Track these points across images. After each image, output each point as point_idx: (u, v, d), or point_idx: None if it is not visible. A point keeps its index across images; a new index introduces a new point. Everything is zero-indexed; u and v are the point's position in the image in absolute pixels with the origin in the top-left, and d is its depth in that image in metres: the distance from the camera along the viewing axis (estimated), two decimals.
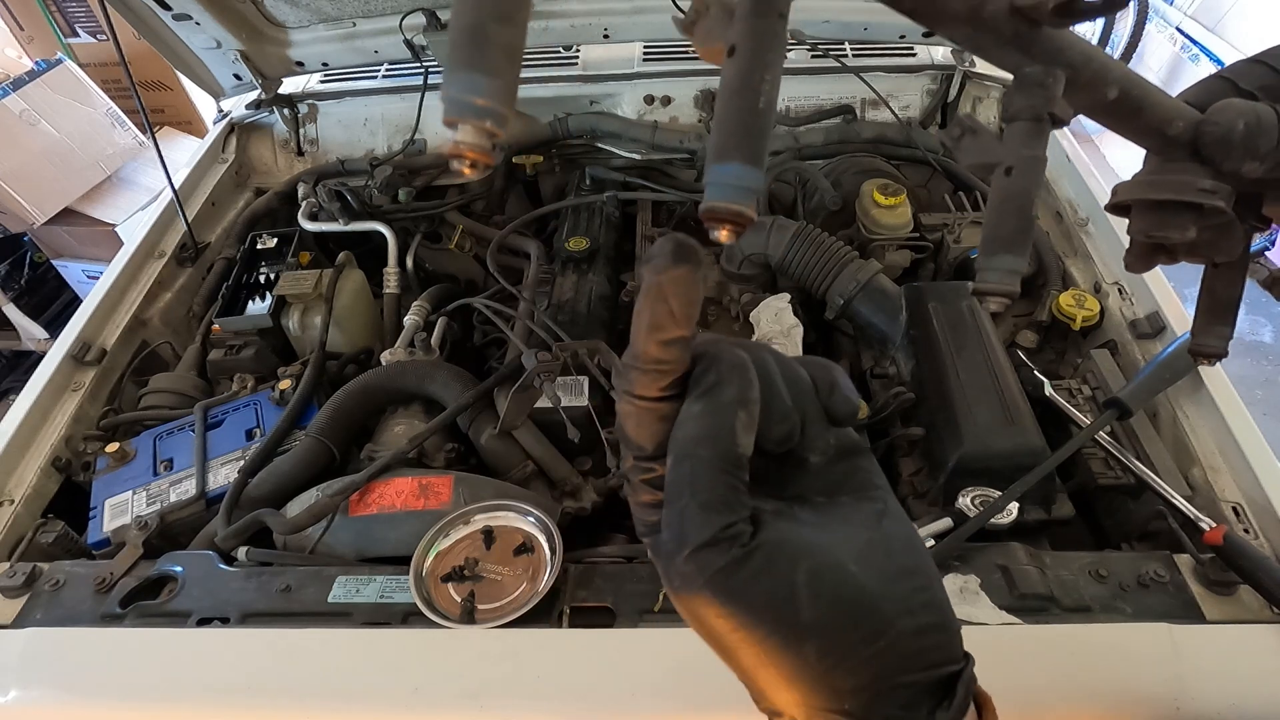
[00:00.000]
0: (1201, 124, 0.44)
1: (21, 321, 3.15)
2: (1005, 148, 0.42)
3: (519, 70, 0.30)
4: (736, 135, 0.32)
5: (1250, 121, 0.42)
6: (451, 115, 0.29)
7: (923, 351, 1.22)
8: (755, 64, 0.33)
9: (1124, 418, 1.11)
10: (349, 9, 1.68)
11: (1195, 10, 3.86)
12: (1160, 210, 0.47)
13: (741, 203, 0.32)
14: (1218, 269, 0.53)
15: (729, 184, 0.32)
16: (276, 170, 1.98)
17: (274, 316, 1.51)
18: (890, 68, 1.85)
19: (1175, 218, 0.46)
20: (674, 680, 0.82)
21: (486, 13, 0.29)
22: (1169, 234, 0.47)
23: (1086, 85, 0.42)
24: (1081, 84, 0.41)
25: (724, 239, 0.33)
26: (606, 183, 1.83)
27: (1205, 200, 0.44)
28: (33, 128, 2.89)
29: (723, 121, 0.33)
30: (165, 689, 0.86)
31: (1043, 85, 0.40)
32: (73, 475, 1.25)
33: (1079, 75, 0.41)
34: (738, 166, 0.32)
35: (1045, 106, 0.40)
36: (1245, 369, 3.07)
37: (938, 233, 1.53)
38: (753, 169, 0.32)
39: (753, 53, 0.33)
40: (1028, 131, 0.41)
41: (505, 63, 0.29)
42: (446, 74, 0.29)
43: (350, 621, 0.91)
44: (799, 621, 0.33)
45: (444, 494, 1.06)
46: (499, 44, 0.29)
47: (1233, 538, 0.90)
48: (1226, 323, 0.54)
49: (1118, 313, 1.34)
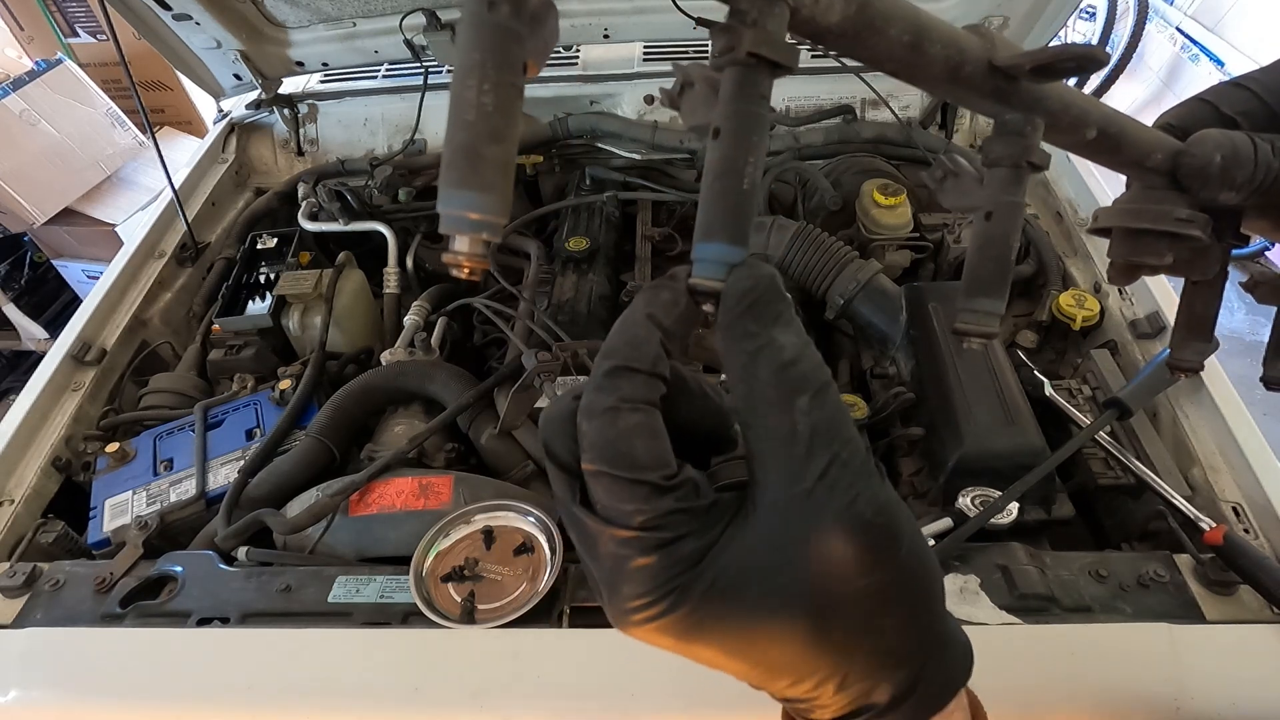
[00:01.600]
0: (1179, 155, 0.46)
1: (21, 321, 3.15)
2: (985, 192, 0.43)
3: (512, 181, 0.33)
4: (721, 216, 0.34)
5: (1227, 154, 0.44)
6: (448, 229, 0.32)
7: (923, 351, 1.22)
8: (739, 148, 0.34)
9: (1124, 418, 1.11)
10: (349, 9, 1.68)
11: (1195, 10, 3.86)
12: (1139, 237, 0.48)
13: (720, 279, 0.34)
14: (1196, 286, 0.54)
15: (713, 260, 0.34)
16: (276, 170, 1.98)
17: (274, 316, 1.51)
18: None
19: (1153, 244, 0.48)
20: (674, 680, 0.82)
21: (479, 134, 0.31)
22: (1146, 259, 0.49)
23: (1066, 128, 0.43)
24: (1061, 127, 0.43)
25: (709, 311, 0.36)
26: (606, 183, 1.83)
27: (1181, 230, 0.46)
28: (33, 128, 2.89)
29: (708, 202, 0.34)
30: (165, 689, 0.86)
31: (1021, 134, 0.42)
32: (73, 475, 1.25)
33: (1059, 120, 0.43)
34: (721, 245, 0.34)
35: (1024, 155, 0.42)
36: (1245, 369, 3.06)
37: (938, 233, 1.53)
38: (736, 248, 0.34)
39: (736, 136, 0.34)
40: (1007, 178, 0.43)
41: (498, 178, 0.31)
42: (442, 190, 0.31)
43: (350, 621, 0.91)
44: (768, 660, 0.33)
45: (444, 494, 1.06)
46: (491, 161, 0.31)
47: (1233, 538, 0.90)
48: (1204, 338, 0.55)
49: (1118, 313, 1.34)
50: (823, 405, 0.32)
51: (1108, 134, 0.44)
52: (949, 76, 0.39)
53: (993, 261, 0.43)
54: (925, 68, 0.38)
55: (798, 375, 0.32)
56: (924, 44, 0.37)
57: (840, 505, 0.31)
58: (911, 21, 0.37)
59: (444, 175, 0.31)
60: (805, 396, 0.31)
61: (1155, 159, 0.46)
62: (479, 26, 0.31)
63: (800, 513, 0.31)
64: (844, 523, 0.31)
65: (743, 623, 0.32)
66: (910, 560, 0.32)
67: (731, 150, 0.34)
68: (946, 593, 0.88)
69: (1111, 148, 0.45)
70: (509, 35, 0.31)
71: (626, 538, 0.31)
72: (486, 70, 0.31)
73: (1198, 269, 0.51)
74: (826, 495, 0.31)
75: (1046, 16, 1.60)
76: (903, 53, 0.37)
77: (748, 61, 0.33)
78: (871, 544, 0.31)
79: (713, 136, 0.35)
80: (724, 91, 0.34)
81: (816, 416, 0.31)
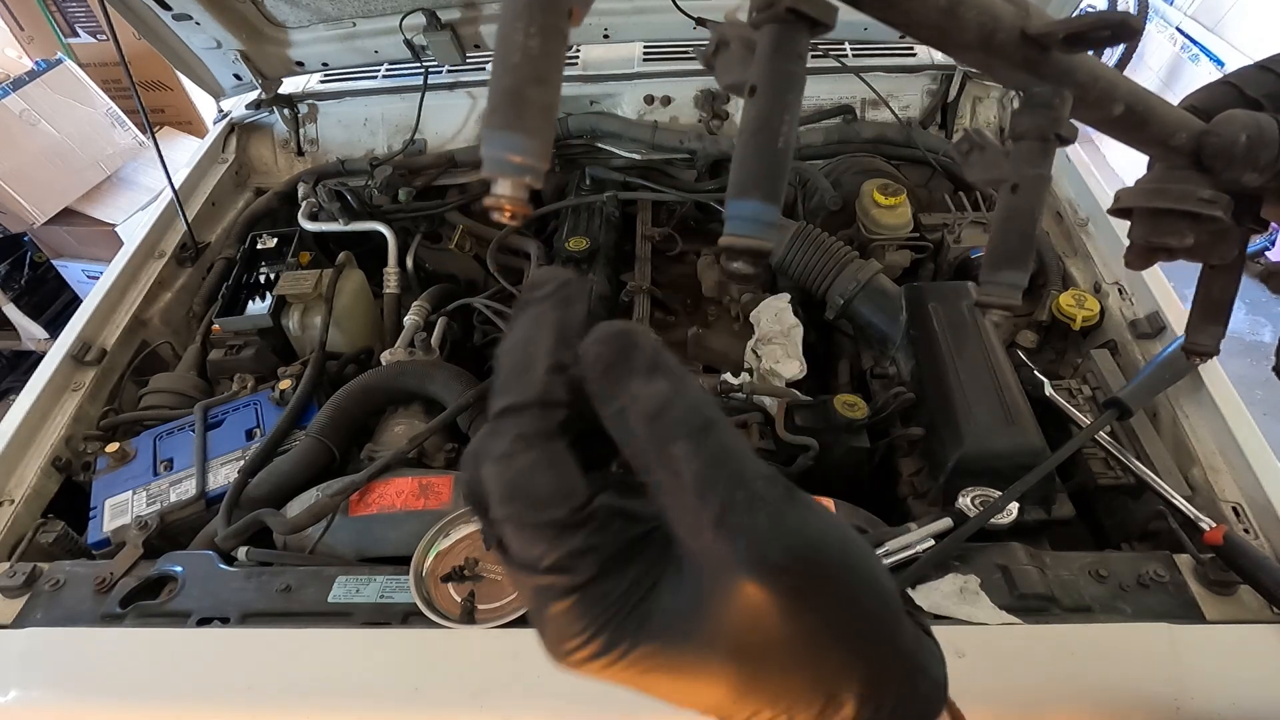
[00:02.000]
0: (1204, 135, 0.45)
1: (21, 321, 3.15)
2: (1011, 165, 0.43)
3: (554, 126, 0.33)
4: (756, 173, 0.34)
5: (1252, 134, 0.43)
6: (491, 171, 0.31)
7: (923, 351, 1.22)
8: (775, 106, 0.34)
9: (1124, 418, 1.11)
10: (349, 9, 1.68)
11: (1195, 10, 3.86)
12: (1161, 217, 0.48)
13: (759, 236, 0.34)
14: (1214, 270, 0.54)
15: (747, 218, 0.34)
16: (276, 170, 1.98)
17: (274, 316, 1.51)
18: (890, 68, 1.85)
19: (1175, 225, 0.47)
20: None
21: (524, 76, 0.31)
22: (1168, 240, 0.48)
23: (1094, 103, 0.43)
24: (1089, 101, 0.42)
25: (740, 270, 0.34)
26: (606, 183, 1.83)
27: (1204, 210, 0.46)
28: (33, 128, 2.89)
29: (743, 159, 0.34)
30: (165, 689, 0.86)
31: (1050, 106, 0.41)
32: (73, 475, 1.25)
33: (1086, 94, 0.42)
34: (756, 203, 0.34)
35: (1052, 127, 0.41)
36: (1245, 369, 3.07)
37: (938, 233, 1.53)
38: (770, 206, 0.34)
39: (772, 95, 0.34)
40: (1034, 150, 0.42)
41: (542, 122, 0.31)
42: (486, 133, 0.31)
43: (350, 621, 0.91)
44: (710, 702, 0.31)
45: (444, 494, 1.06)
46: (536, 104, 0.31)
47: (1233, 538, 0.90)
48: (1220, 322, 0.55)
49: (1118, 313, 1.34)
50: (701, 448, 0.29)
51: (1134, 110, 0.44)
52: (981, 43, 0.38)
53: (1017, 234, 0.43)
54: (959, 33, 0.38)
55: (666, 424, 0.30)
56: (959, 8, 0.37)
57: (744, 555, 0.28)
58: None
59: (488, 118, 0.31)
60: (680, 443, 0.29)
61: (1180, 138, 0.46)
62: None
63: (708, 566, 0.29)
64: (753, 573, 0.28)
65: (676, 667, 0.30)
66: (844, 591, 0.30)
67: (768, 108, 0.34)
68: (946, 593, 0.88)
69: (1138, 124, 0.45)
70: None
71: (541, 584, 0.30)
72: (533, 13, 0.31)
73: (1217, 252, 0.51)
74: (727, 546, 0.28)
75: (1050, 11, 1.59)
76: (938, 16, 0.37)
77: (786, 18, 0.33)
78: (790, 588, 0.28)
79: (748, 95, 0.35)
80: (761, 49, 0.34)
81: (698, 461, 0.29)
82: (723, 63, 0.40)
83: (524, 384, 0.31)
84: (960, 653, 0.81)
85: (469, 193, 1.88)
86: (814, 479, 1.19)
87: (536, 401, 0.31)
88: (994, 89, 1.86)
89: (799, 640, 0.29)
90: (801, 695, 0.30)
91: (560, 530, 0.29)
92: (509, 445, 0.30)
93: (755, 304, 1.42)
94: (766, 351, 1.32)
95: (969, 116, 1.90)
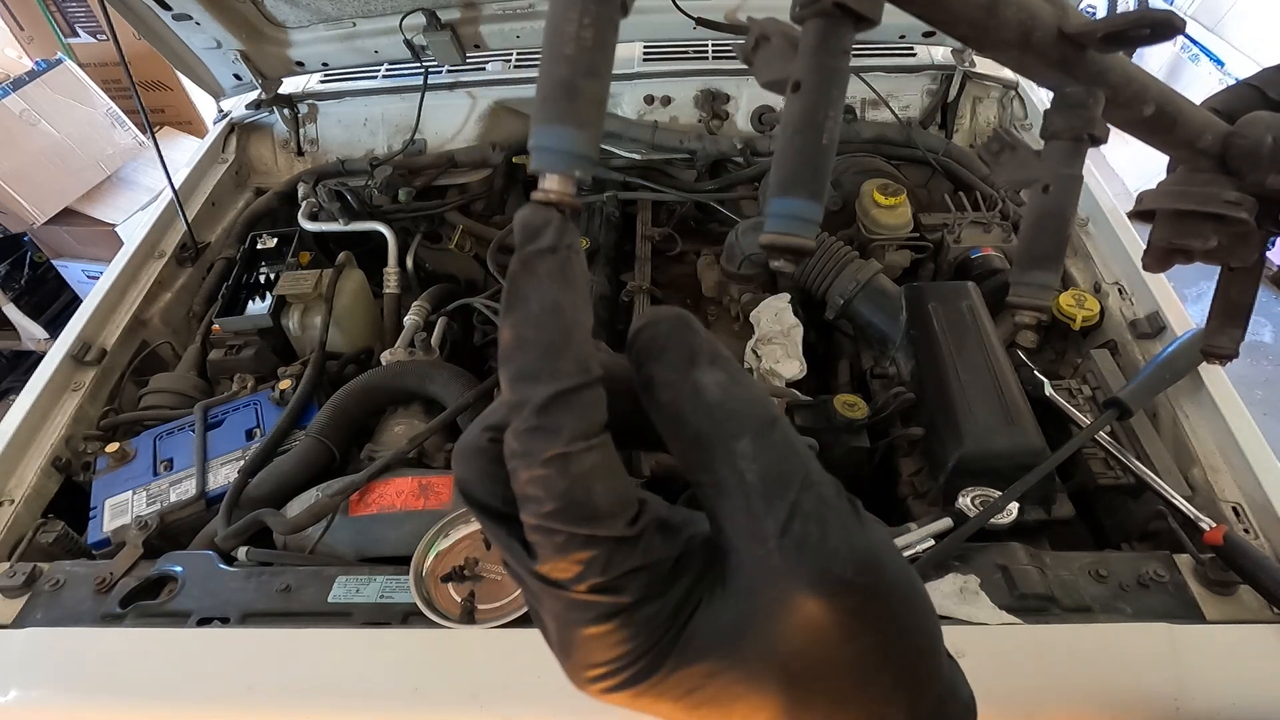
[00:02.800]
0: (1230, 136, 0.46)
1: (21, 321, 3.15)
2: (1043, 165, 0.43)
3: (604, 119, 0.31)
4: (800, 171, 0.33)
5: (1278, 135, 0.43)
6: (540, 165, 0.29)
7: (923, 351, 1.22)
8: (820, 101, 0.33)
9: (1124, 418, 1.11)
10: (349, 9, 1.68)
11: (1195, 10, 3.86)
12: (1185, 219, 0.47)
13: (803, 235, 0.33)
14: (1234, 273, 0.54)
15: (791, 216, 0.33)
16: (276, 170, 1.98)
17: (274, 316, 1.51)
18: (890, 68, 1.85)
19: (1198, 227, 0.47)
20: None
21: (578, 68, 0.29)
22: (1191, 242, 0.48)
23: (1125, 103, 0.43)
24: (1121, 102, 0.42)
25: (783, 268, 0.34)
26: (606, 183, 1.83)
27: (1230, 212, 0.45)
28: (33, 128, 2.89)
29: (786, 156, 0.33)
30: (165, 689, 0.86)
31: (1084, 106, 0.41)
32: (73, 475, 1.25)
33: (1119, 94, 0.42)
34: (800, 201, 0.33)
35: (1085, 127, 0.41)
36: (1245, 369, 3.07)
37: (938, 233, 1.53)
38: (814, 204, 0.33)
39: (817, 90, 0.33)
40: (1067, 151, 0.42)
41: (594, 114, 0.30)
42: (535, 126, 0.29)
43: (350, 621, 0.91)
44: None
45: (444, 494, 1.06)
46: (588, 96, 0.30)
47: (1233, 538, 0.89)
48: (1239, 324, 0.55)
49: (1118, 313, 1.34)
50: (768, 446, 0.27)
51: (1165, 111, 0.44)
52: (1020, 42, 0.38)
53: (1050, 235, 0.43)
54: (998, 30, 0.38)
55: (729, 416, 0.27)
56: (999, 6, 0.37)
57: (812, 567, 0.26)
58: None
59: (538, 110, 0.30)
60: (745, 440, 0.27)
61: (1206, 140, 0.46)
62: None
63: (768, 578, 0.26)
64: (819, 588, 0.26)
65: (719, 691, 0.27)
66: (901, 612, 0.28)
67: (812, 104, 0.33)
68: (946, 593, 0.88)
69: (1167, 126, 0.45)
70: None
71: (578, 600, 0.26)
72: (587, 3, 0.30)
73: (1237, 255, 0.51)
74: (794, 556, 0.26)
75: None
76: (979, 14, 0.37)
77: (833, 13, 0.32)
78: (854, 606, 0.26)
79: (791, 90, 0.34)
80: (805, 44, 0.34)
81: (764, 461, 0.26)
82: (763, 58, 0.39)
83: (570, 361, 0.26)
84: (960, 653, 0.81)
85: (469, 193, 1.88)
86: None
87: (594, 381, 0.26)
88: (994, 89, 1.85)
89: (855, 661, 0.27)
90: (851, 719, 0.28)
91: (614, 547, 0.26)
92: (564, 446, 0.25)
93: (755, 304, 1.42)
94: (766, 351, 1.32)
95: (969, 116, 1.90)
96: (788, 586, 0.26)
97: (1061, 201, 0.43)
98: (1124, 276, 1.39)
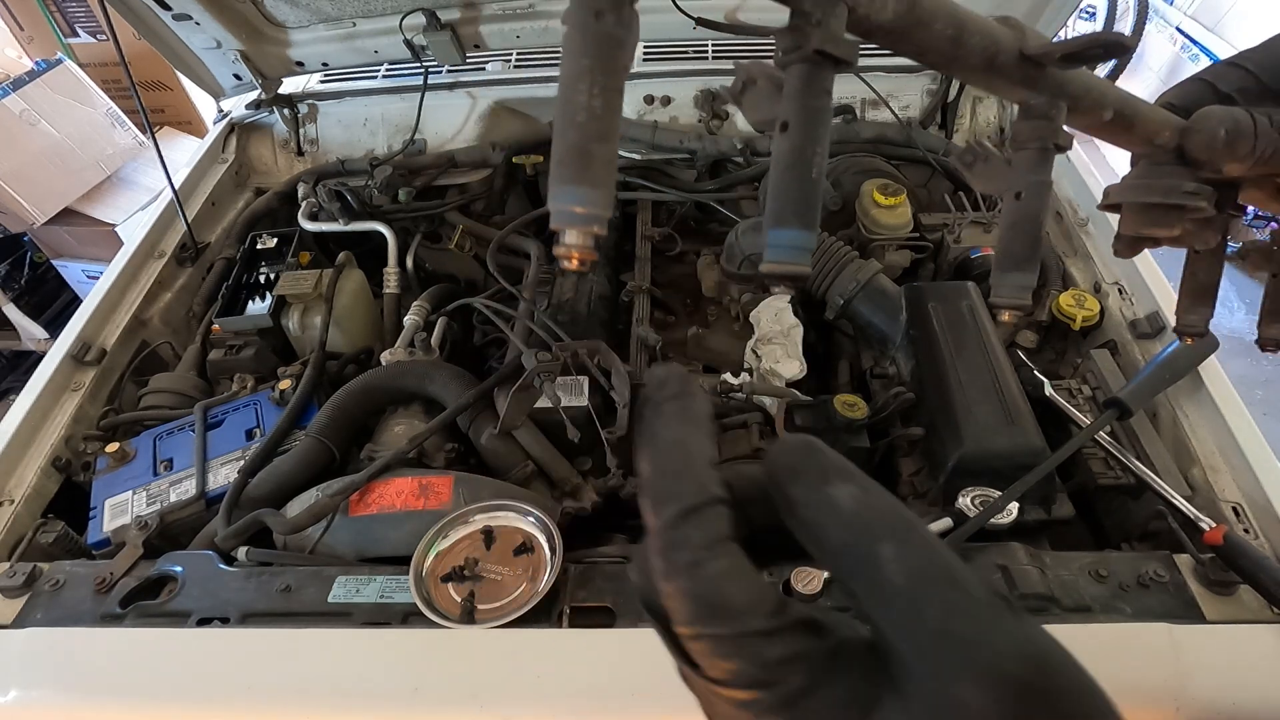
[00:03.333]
0: (1185, 131, 0.49)
1: (21, 321, 3.15)
2: (1014, 173, 0.46)
3: (615, 177, 0.34)
4: (792, 203, 0.36)
5: (1230, 128, 0.46)
6: (560, 224, 0.33)
7: (923, 351, 1.22)
8: (807, 139, 0.36)
9: (1124, 418, 1.11)
10: (349, 9, 1.68)
11: (1195, 10, 3.86)
12: (1149, 210, 0.51)
13: (799, 262, 0.36)
14: (1199, 255, 0.58)
15: (787, 245, 0.36)
16: (276, 170, 1.98)
17: (274, 316, 1.51)
18: (890, 68, 1.85)
19: (1162, 217, 0.51)
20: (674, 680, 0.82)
21: (589, 134, 0.33)
22: (1156, 231, 0.52)
23: (1086, 111, 0.46)
24: (1081, 109, 0.46)
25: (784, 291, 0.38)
26: None
27: (1190, 202, 0.49)
28: (33, 128, 2.89)
29: (779, 190, 0.37)
30: (165, 689, 0.86)
31: (1048, 116, 0.45)
32: (73, 475, 1.25)
33: (1079, 103, 0.45)
34: (794, 231, 0.36)
35: (1051, 137, 0.45)
36: (1245, 369, 3.07)
37: (938, 233, 1.53)
38: (808, 232, 0.36)
39: (804, 129, 0.36)
40: (1035, 159, 0.46)
41: (606, 175, 0.33)
42: (553, 187, 0.33)
43: (350, 621, 0.91)
44: None
45: (444, 494, 1.06)
46: (600, 159, 0.33)
47: (1233, 538, 0.89)
48: (1207, 304, 0.59)
49: (1118, 313, 1.34)
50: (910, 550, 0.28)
51: (1123, 115, 0.47)
52: (985, 65, 0.42)
53: (1025, 238, 0.46)
54: (964, 59, 0.41)
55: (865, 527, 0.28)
56: (964, 37, 0.40)
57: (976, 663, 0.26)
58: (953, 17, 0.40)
59: (555, 173, 0.33)
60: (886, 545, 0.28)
61: (1164, 136, 0.49)
62: (586, 33, 0.34)
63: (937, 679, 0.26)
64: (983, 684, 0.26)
65: None
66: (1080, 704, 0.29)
67: (801, 142, 0.36)
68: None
69: (1126, 127, 0.48)
70: (613, 41, 0.35)
71: (742, 699, 0.28)
72: (595, 75, 0.33)
73: (1200, 239, 0.55)
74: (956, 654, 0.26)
75: (1047, 16, 1.60)
76: (945, 45, 0.40)
77: (814, 59, 0.35)
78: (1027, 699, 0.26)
79: (780, 130, 0.37)
80: (790, 87, 0.37)
81: (908, 563, 0.27)
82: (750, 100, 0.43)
83: (693, 484, 0.29)
84: None
85: (469, 193, 1.88)
86: None
87: (715, 499, 0.29)
88: None
89: None
90: None
91: (761, 639, 0.27)
92: (692, 555, 0.28)
93: (755, 304, 1.42)
94: (766, 351, 1.32)
95: (969, 116, 1.90)
96: (955, 684, 0.26)
97: (1033, 206, 0.46)
98: (1124, 276, 1.39)
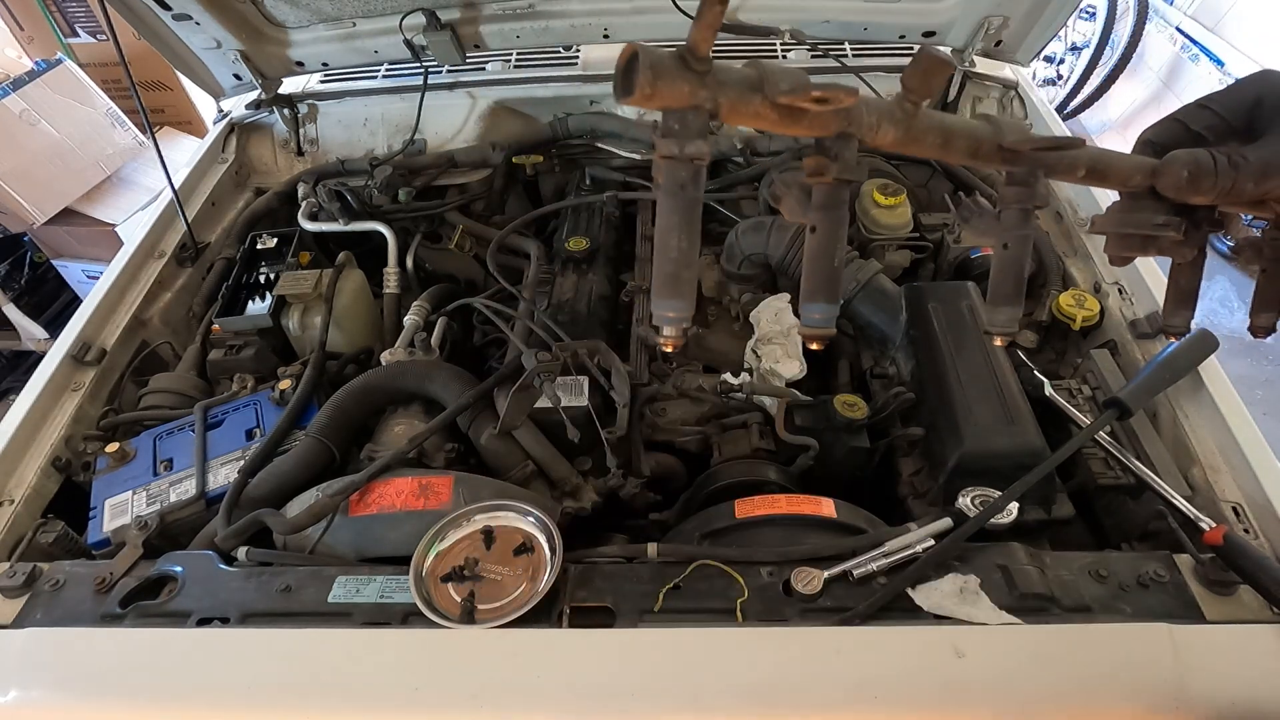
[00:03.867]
0: (1155, 172, 0.59)
1: (21, 321, 3.15)
2: (1002, 228, 0.59)
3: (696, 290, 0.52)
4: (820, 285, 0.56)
5: (1192, 169, 0.56)
6: (660, 323, 0.53)
7: (923, 351, 1.22)
8: (831, 239, 0.55)
9: (1124, 418, 1.11)
10: (349, 9, 1.68)
11: (1195, 10, 3.85)
12: (1128, 238, 0.63)
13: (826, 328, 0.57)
14: (1180, 265, 0.68)
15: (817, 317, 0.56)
16: (276, 170, 1.98)
17: (274, 316, 1.51)
18: (890, 68, 1.85)
19: (1139, 244, 0.63)
20: (674, 680, 0.82)
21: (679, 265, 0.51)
22: (1134, 254, 0.65)
23: (1063, 172, 0.59)
24: (1059, 172, 0.59)
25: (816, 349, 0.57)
26: (606, 183, 1.83)
27: (1160, 233, 0.61)
28: (33, 128, 2.89)
29: (810, 274, 0.56)
30: (165, 689, 0.86)
31: (1027, 184, 0.57)
32: (73, 475, 1.25)
33: (1054, 170, 0.58)
34: (823, 304, 0.55)
35: (1030, 200, 0.58)
36: (1245, 369, 3.07)
37: (938, 233, 1.53)
38: (832, 305, 0.56)
39: (829, 232, 0.55)
40: (1018, 217, 0.59)
41: (690, 291, 0.51)
42: (655, 300, 0.52)
43: (350, 621, 0.91)
44: None
45: (444, 494, 1.06)
46: (686, 280, 0.51)
47: (1233, 538, 0.89)
48: (1189, 306, 0.70)
49: (1118, 313, 1.34)
50: None
51: (1095, 170, 0.59)
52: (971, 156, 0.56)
53: (1011, 279, 0.59)
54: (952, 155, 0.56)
55: None
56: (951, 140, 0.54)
57: None
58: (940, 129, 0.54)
59: (657, 290, 0.52)
60: None
61: (1135, 180, 0.60)
62: (674, 198, 0.49)
63: None
64: None
65: None
66: None
67: (826, 240, 0.54)
68: (946, 593, 0.88)
69: (1100, 178, 0.60)
70: (694, 203, 0.50)
71: None
72: (682, 227, 0.50)
73: (1179, 253, 0.65)
74: None
75: (1046, 16, 1.60)
76: (935, 150, 0.55)
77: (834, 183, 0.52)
78: None
79: (810, 230, 0.55)
80: (815, 200, 0.54)
81: None
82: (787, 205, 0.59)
83: None
84: (960, 653, 0.81)
85: (469, 193, 1.88)
86: (814, 479, 1.19)
87: None
88: (994, 89, 1.85)
89: None
90: None
91: None
92: None
93: (755, 304, 1.42)
94: (766, 351, 1.32)
95: (970, 115, 1.89)
96: None
97: (1018, 254, 0.59)
98: (1124, 276, 1.39)
